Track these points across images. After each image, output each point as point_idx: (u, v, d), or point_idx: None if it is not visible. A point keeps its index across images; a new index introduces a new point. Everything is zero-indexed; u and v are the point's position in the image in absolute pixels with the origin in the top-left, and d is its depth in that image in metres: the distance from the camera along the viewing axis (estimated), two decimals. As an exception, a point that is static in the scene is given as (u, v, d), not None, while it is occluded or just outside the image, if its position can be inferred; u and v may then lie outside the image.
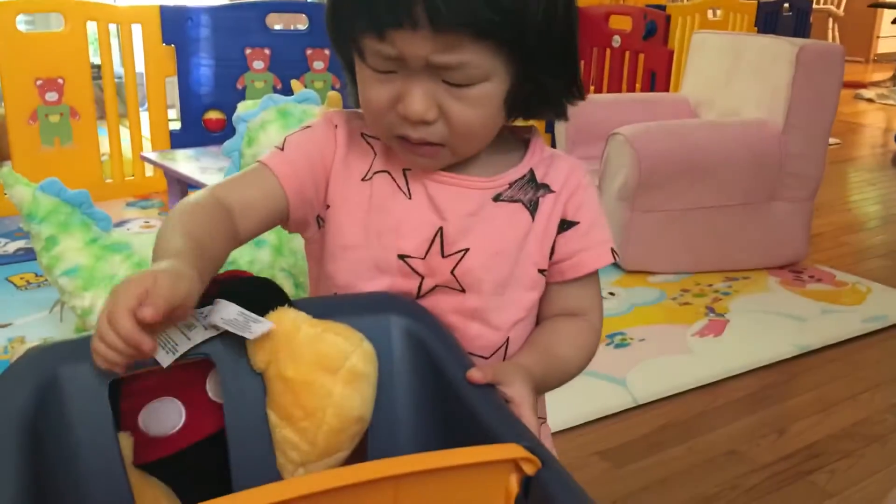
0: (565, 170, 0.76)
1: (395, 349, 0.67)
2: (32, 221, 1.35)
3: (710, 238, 2.17)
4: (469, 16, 0.61)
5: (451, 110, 0.66)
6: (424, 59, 0.64)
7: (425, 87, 0.66)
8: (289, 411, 0.62)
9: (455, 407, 0.63)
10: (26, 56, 2.46)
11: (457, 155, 0.71)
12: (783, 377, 1.69)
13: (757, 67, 2.24)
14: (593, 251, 0.75)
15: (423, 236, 0.72)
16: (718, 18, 3.78)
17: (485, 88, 0.66)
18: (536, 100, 0.71)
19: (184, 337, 0.61)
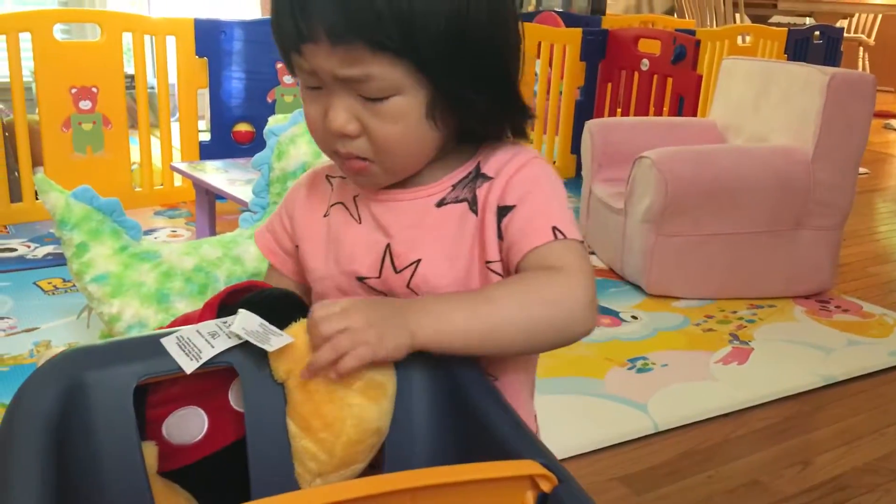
0: (508, 154, 0.74)
1: (414, 362, 0.67)
2: (64, 228, 1.37)
3: (736, 264, 2.16)
4: (360, 28, 0.63)
5: (371, 125, 0.68)
6: (331, 73, 0.66)
7: (344, 101, 0.67)
8: (308, 422, 0.63)
9: (472, 422, 0.63)
10: (62, 64, 2.51)
11: (389, 172, 0.72)
12: (807, 408, 1.67)
13: (787, 94, 2.23)
14: (531, 231, 0.70)
15: (373, 257, 0.74)
16: (748, 45, 3.77)
17: (398, 102, 0.67)
18: (464, 115, 0.70)
19: (207, 345, 0.62)
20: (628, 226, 2.20)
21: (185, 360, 0.61)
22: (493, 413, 0.63)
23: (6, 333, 1.75)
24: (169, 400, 0.66)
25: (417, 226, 0.73)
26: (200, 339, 0.62)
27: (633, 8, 5.97)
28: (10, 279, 2.06)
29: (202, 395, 0.67)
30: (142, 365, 0.62)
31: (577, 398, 1.60)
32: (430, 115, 0.69)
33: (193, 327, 0.64)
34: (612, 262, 2.33)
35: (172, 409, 0.66)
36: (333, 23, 0.63)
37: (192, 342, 0.62)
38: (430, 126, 0.69)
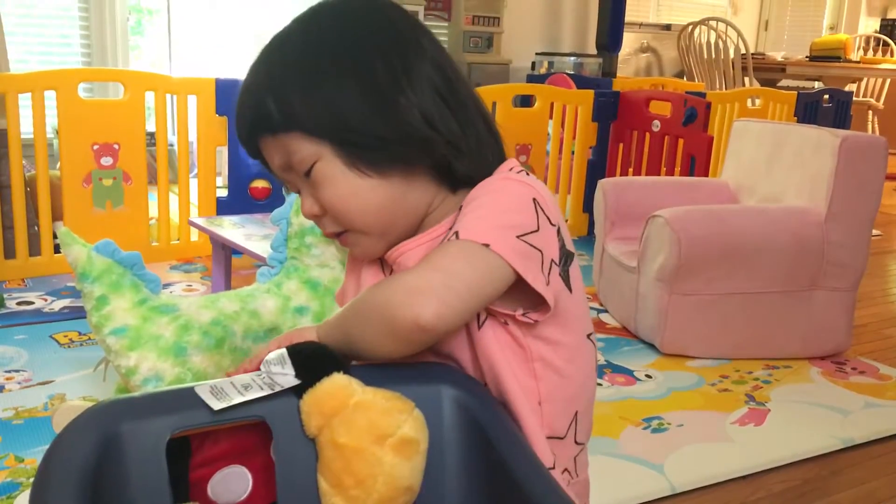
0: (486, 181, 0.76)
1: (446, 419, 0.67)
2: (85, 281, 1.39)
3: (750, 324, 2.15)
4: (255, 128, 0.78)
5: (320, 199, 0.77)
6: (272, 164, 0.79)
7: (304, 189, 0.79)
8: (339, 479, 0.62)
9: (504, 480, 0.63)
10: (85, 122, 2.56)
11: (367, 233, 0.78)
12: (826, 471, 1.64)
13: (799, 156, 2.25)
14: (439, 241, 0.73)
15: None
16: (758, 107, 3.82)
17: (320, 167, 0.76)
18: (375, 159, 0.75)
19: (237, 392, 0.63)
20: (642, 284, 2.20)
21: (213, 401, 0.61)
22: (526, 473, 0.62)
23: (21, 386, 1.76)
24: (212, 460, 0.67)
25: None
26: (232, 388, 0.63)
27: (643, 71, 6.07)
28: (27, 332, 2.07)
29: (245, 454, 0.67)
30: (176, 417, 0.62)
31: (592, 458, 1.58)
32: (354, 167, 0.75)
33: (228, 379, 0.65)
34: (625, 320, 2.32)
35: (216, 468, 0.67)
36: (247, 131, 0.79)
37: (224, 389, 0.63)
38: (360, 176, 0.75)
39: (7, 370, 1.84)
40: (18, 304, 2.28)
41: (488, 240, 0.68)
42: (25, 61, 3.89)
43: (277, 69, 0.77)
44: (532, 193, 0.73)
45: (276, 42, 0.79)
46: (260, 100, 0.76)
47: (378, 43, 0.77)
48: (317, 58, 0.76)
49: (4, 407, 1.65)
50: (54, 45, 4.03)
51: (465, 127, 0.78)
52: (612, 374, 2.00)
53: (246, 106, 0.78)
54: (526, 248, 0.70)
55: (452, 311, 0.66)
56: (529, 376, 0.76)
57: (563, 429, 0.80)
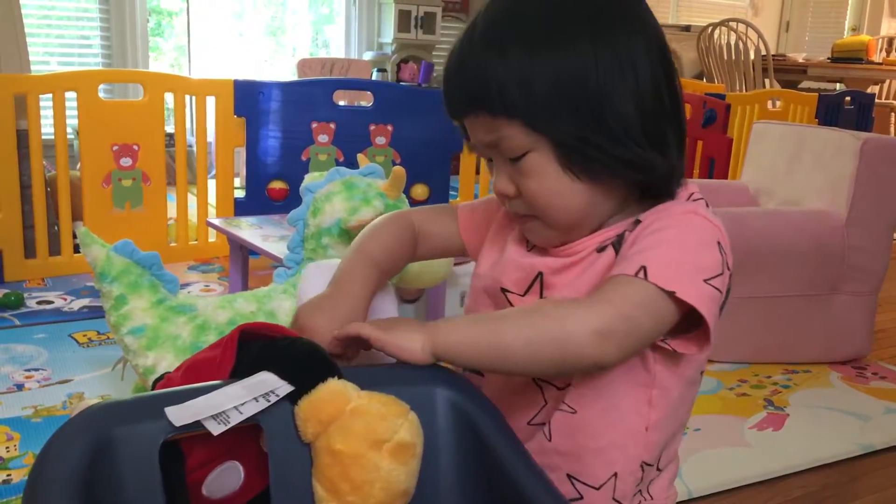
0: (672, 208, 0.74)
1: (440, 421, 0.67)
2: (104, 281, 1.40)
3: (770, 328, 2.13)
4: (475, 102, 0.73)
5: (520, 184, 0.74)
6: (481, 141, 0.75)
7: (502, 168, 0.76)
8: (336, 485, 0.62)
9: (500, 481, 0.63)
10: (105, 123, 2.58)
11: (553, 227, 0.76)
12: (845, 477, 1.63)
13: (819, 158, 2.23)
14: (620, 264, 0.70)
15: (521, 276, 0.79)
16: (778, 109, 3.79)
17: (533, 158, 0.72)
18: (598, 171, 0.72)
19: (236, 412, 0.62)
20: (659, 287, 2.18)
21: (212, 423, 0.61)
22: (522, 473, 0.62)
23: (40, 385, 1.77)
24: (206, 461, 0.66)
25: (573, 265, 0.76)
26: (231, 409, 0.62)
27: (662, 72, 6.03)
28: (46, 331, 2.09)
29: (237, 448, 0.67)
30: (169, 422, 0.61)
31: (608, 461, 1.58)
32: (568, 169, 0.72)
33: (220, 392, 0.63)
34: (642, 323, 2.31)
35: (211, 469, 0.67)
36: (460, 101, 0.74)
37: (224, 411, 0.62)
38: (571, 179, 0.73)
39: (27, 369, 1.85)
40: (38, 303, 2.30)
41: (675, 287, 0.67)
42: (46, 62, 3.93)
43: (517, 46, 0.70)
44: (718, 235, 0.73)
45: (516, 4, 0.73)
46: (489, 75, 0.70)
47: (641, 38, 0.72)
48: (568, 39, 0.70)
49: (24, 405, 1.67)
50: (74, 47, 4.07)
51: (682, 147, 0.76)
52: (629, 378, 1.99)
53: (468, 77, 0.72)
54: (711, 291, 0.70)
55: (627, 356, 0.69)
56: (644, 402, 0.75)
57: (657, 457, 0.80)
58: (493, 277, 0.82)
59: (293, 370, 0.65)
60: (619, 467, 0.76)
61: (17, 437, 1.54)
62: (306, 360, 0.66)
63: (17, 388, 1.75)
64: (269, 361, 0.66)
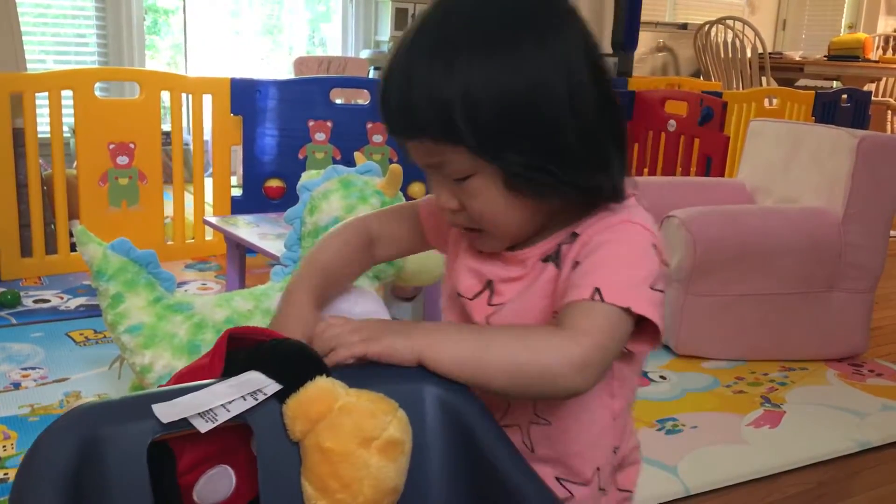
0: (604, 216, 0.76)
1: (428, 418, 0.67)
2: (101, 279, 1.40)
3: (766, 326, 2.14)
4: (419, 129, 0.71)
5: (465, 202, 0.75)
6: (421, 161, 0.75)
7: (443, 183, 0.75)
8: (325, 483, 0.62)
9: (488, 477, 0.62)
10: (101, 121, 2.58)
11: (499, 238, 0.78)
12: (842, 474, 1.63)
13: (816, 156, 2.23)
14: (573, 288, 0.72)
15: (474, 282, 0.82)
16: (775, 107, 3.79)
17: (477, 181, 0.73)
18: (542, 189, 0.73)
19: (224, 410, 0.61)
20: (656, 285, 2.19)
21: (199, 421, 0.60)
22: (511, 469, 0.62)
23: (38, 383, 1.77)
24: (197, 463, 0.66)
25: (520, 277, 0.79)
26: (219, 407, 0.61)
27: (659, 70, 6.05)
28: (43, 330, 2.09)
29: (228, 452, 0.67)
30: (158, 421, 0.61)
31: (605, 459, 1.58)
32: (512, 188, 0.73)
33: (207, 390, 0.63)
34: (639, 321, 2.31)
35: (201, 471, 0.66)
36: (401, 126, 0.73)
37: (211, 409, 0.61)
38: (516, 196, 0.73)
39: (23, 367, 1.85)
40: (35, 301, 2.30)
41: (630, 303, 0.70)
42: (42, 61, 3.92)
43: (460, 71, 0.68)
44: (652, 239, 0.75)
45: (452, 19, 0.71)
46: (433, 100, 0.69)
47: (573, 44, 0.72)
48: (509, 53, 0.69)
49: (20, 404, 1.66)
50: (71, 45, 4.06)
51: (624, 162, 0.76)
52: (626, 375, 1.99)
53: (410, 102, 0.70)
54: (657, 297, 0.72)
55: (599, 381, 0.71)
56: (608, 395, 0.79)
57: (621, 438, 0.83)
58: (451, 281, 0.86)
59: (281, 369, 0.64)
60: (600, 461, 0.80)
61: (13, 436, 1.54)
62: (294, 359, 0.66)
63: (13, 387, 1.75)
64: (256, 362, 0.65)
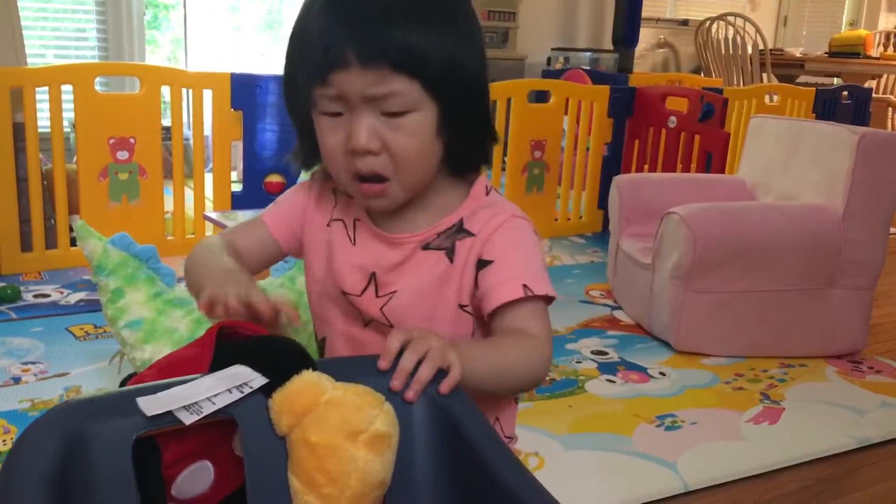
0: (489, 214, 0.87)
1: (415, 411, 0.66)
2: (101, 274, 1.40)
3: (766, 323, 2.14)
4: (384, 53, 0.76)
5: (391, 141, 0.79)
6: (361, 92, 0.77)
7: (367, 121, 0.79)
8: (312, 477, 0.61)
9: (475, 470, 0.62)
10: (101, 116, 2.57)
11: (404, 189, 0.83)
12: (841, 470, 1.63)
13: (816, 153, 2.23)
14: (502, 286, 0.84)
15: (357, 278, 0.88)
16: (776, 103, 3.79)
17: (415, 118, 0.79)
18: (460, 136, 0.84)
19: (209, 403, 0.61)
20: (656, 281, 2.19)
21: (184, 414, 0.60)
22: (498, 461, 0.62)
23: (37, 378, 1.77)
24: (180, 458, 0.65)
25: (403, 263, 0.86)
26: (201, 395, 0.61)
27: (660, 66, 6.04)
28: (43, 324, 2.09)
29: (210, 448, 0.66)
30: (143, 417, 0.60)
31: (604, 454, 1.58)
32: (439, 132, 0.81)
33: (193, 383, 0.63)
34: (639, 317, 2.31)
35: (184, 467, 0.66)
36: (364, 49, 0.76)
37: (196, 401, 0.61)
38: (438, 143, 0.82)
39: (23, 362, 1.85)
40: (35, 296, 2.30)
41: (547, 290, 0.85)
42: (42, 55, 3.91)
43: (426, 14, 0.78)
44: (533, 227, 0.89)
45: None
46: (408, 32, 0.77)
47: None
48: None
49: (20, 398, 1.67)
50: (71, 40, 4.05)
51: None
52: (626, 371, 2.00)
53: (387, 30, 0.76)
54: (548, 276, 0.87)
55: None
56: None
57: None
58: (331, 282, 0.90)
59: (267, 363, 0.64)
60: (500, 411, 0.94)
61: (13, 431, 1.54)
62: (280, 353, 0.66)
63: (13, 382, 1.75)
64: (243, 356, 0.65)
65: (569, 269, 2.87)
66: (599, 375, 1.96)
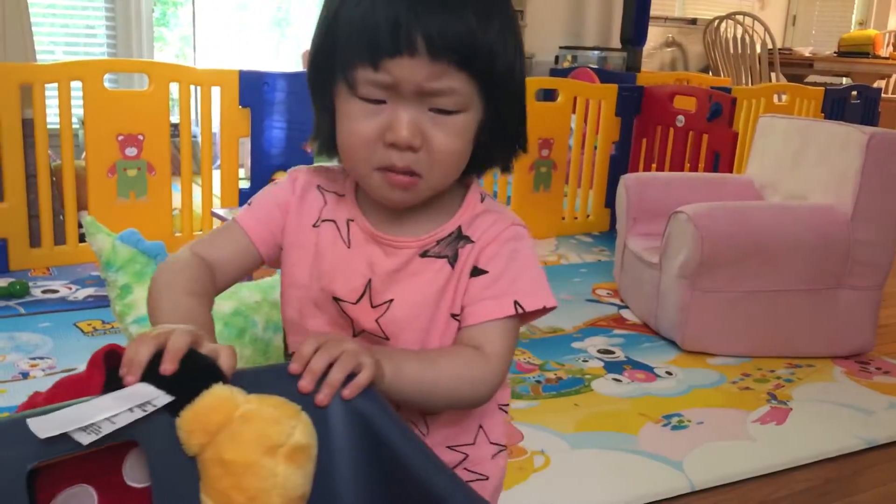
0: (489, 222, 0.82)
1: (332, 417, 0.63)
2: (109, 270, 1.40)
3: (773, 323, 2.13)
4: (455, 47, 0.71)
5: (434, 138, 0.74)
6: (418, 85, 0.72)
7: (413, 115, 0.73)
8: (229, 497, 0.58)
9: (394, 468, 0.61)
10: (110, 112, 2.58)
11: (431, 188, 0.78)
12: (848, 471, 1.63)
13: (825, 153, 2.23)
14: (493, 301, 0.79)
15: (354, 284, 0.81)
16: (784, 103, 3.78)
17: (464, 118, 0.75)
18: (496, 142, 0.80)
19: (108, 423, 0.56)
20: (663, 281, 2.19)
21: (81, 434, 0.55)
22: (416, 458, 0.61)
23: (45, 373, 1.78)
24: (57, 480, 0.60)
25: (399, 270, 0.80)
26: (99, 415, 0.56)
27: (668, 65, 6.03)
28: (52, 320, 2.10)
29: (93, 473, 0.61)
30: (35, 446, 0.54)
31: (611, 454, 1.58)
32: (477, 136, 0.78)
33: (89, 403, 0.58)
34: (645, 316, 2.31)
35: (60, 489, 0.60)
36: (435, 39, 0.70)
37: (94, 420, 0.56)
38: (471, 143, 0.78)
39: (32, 357, 1.86)
40: (43, 292, 2.31)
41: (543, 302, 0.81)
42: (51, 52, 3.92)
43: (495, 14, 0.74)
44: (529, 233, 0.85)
45: None
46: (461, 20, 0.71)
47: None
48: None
49: (28, 393, 1.67)
50: (80, 37, 4.06)
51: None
52: (632, 371, 1.99)
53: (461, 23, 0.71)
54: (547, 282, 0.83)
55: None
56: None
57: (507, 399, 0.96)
58: (320, 288, 0.82)
59: (170, 379, 0.59)
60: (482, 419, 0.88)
61: (22, 425, 1.55)
62: (185, 367, 0.60)
63: (22, 377, 1.76)
64: (143, 374, 0.60)
65: (576, 268, 2.87)
66: (606, 374, 1.96)
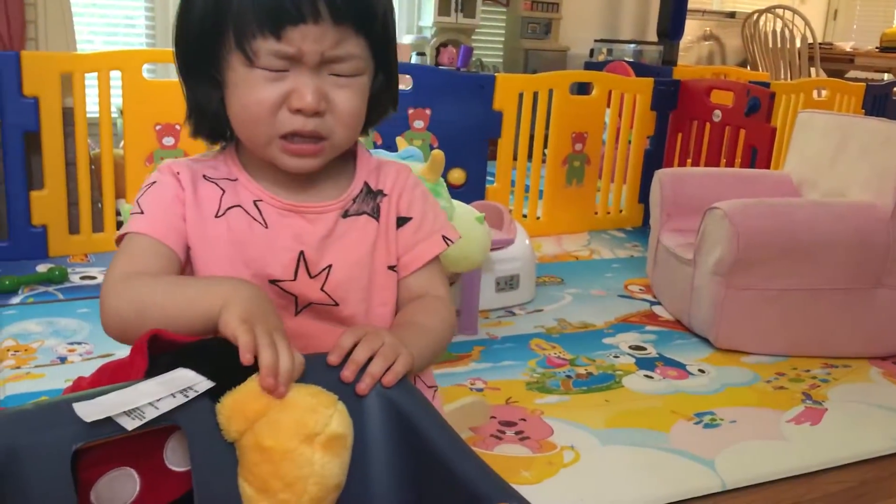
0: (392, 174, 0.88)
1: (367, 407, 0.64)
2: (147, 257, 1.42)
3: (809, 322, 2.10)
4: (358, 9, 0.74)
5: (337, 101, 0.76)
6: (321, 53, 0.73)
7: (316, 80, 0.75)
8: (267, 482, 0.59)
9: (430, 462, 0.61)
10: (148, 102, 2.61)
11: (335, 149, 0.80)
12: (884, 473, 1.60)
13: (866, 149, 2.18)
14: (427, 241, 0.87)
15: (286, 261, 0.80)
16: (824, 98, 3.71)
17: (362, 81, 0.78)
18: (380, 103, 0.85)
19: (152, 408, 0.58)
20: (697, 277, 2.16)
21: (125, 419, 0.56)
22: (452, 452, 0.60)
23: (83, 358, 1.81)
24: (100, 461, 0.61)
25: (327, 235, 0.82)
26: (142, 400, 0.57)
27: (705, 59, 5.95)
28: (89, 306, 2.13)
29: (135, 456, 0.62)
30: (81, 427, 0.56)
31: (641, 451, 1.57)
32: (373, 93, 0.82)
33: (133, 388, 0.59)
34: (679, 313, 2.29)
35: (103, 471, 0.61)
36: (337, 6, 0.72)
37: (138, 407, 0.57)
38: (365, 103, 0.81)
39: (70, 342, 1.90)
40: (81, 278, 2.35)
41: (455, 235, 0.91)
42: (91, 41, 3.98)
43: None
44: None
45: None
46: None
47: None
48: None
49: (67, 378, 1.70)
50: (119, 27, 4.12)
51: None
52: (664, 368, 1.98)
53: None
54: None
55: None
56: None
57: None
58: (252, 274, 0.79)
59: (213, 366, 0.61)
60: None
61: (60, 409, 1.58)
62: (226, 356, 0.62)
63: (60, 361, 1.79)
64: (185, 360, 0.62)
65: (608, 264, 2.86)
66: (637, 371, 1.94)
